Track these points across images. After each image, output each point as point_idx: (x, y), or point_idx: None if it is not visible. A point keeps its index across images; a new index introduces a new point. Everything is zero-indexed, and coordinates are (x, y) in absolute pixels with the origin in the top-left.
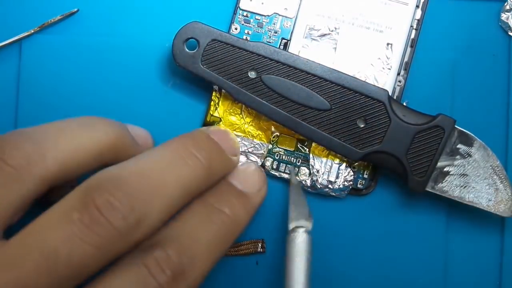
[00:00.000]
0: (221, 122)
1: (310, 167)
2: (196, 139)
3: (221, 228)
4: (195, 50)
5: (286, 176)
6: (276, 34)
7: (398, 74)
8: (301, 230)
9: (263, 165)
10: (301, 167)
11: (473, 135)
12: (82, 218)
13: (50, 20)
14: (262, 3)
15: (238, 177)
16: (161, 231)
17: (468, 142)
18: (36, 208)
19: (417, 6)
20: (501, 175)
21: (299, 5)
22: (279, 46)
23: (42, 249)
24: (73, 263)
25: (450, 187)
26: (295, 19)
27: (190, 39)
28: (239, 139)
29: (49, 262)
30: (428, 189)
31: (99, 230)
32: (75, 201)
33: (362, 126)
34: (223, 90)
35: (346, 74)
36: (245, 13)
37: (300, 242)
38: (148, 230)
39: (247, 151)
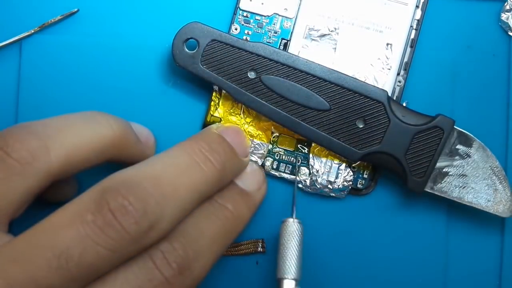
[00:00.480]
0: (221, 122)
1: (310, 167)
2: (210, 142)
3: (225, 224)
4: (195, 50)
5: (286, 176)
6: (276, 35)
7: (398, 74)
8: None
9: (263, 165)
10: (301, 167)
11: (472, 135)
12: (95, 220)
13: (50, 20)
14: (262, 4)
15: (240, 176)
16: None
17: (467, 142)
18: (36, 204)
19: (417, 6)
20: (500, 176)
21: (299, 6)
22: (279, 47)
23: (54, 247)
24: (84, 264)
25: (449, 187)
26: (295, 20)
27: (190, 39)
28: None
29: (60, 260)
30: (427, 189)
31: (112, 233)
32: (89, 203)
33: (361, 126)
34: (223, 90)
35: (345, 74)
36: (245, 14)
37: (293, 228)
38: (160, 234)
39: None
